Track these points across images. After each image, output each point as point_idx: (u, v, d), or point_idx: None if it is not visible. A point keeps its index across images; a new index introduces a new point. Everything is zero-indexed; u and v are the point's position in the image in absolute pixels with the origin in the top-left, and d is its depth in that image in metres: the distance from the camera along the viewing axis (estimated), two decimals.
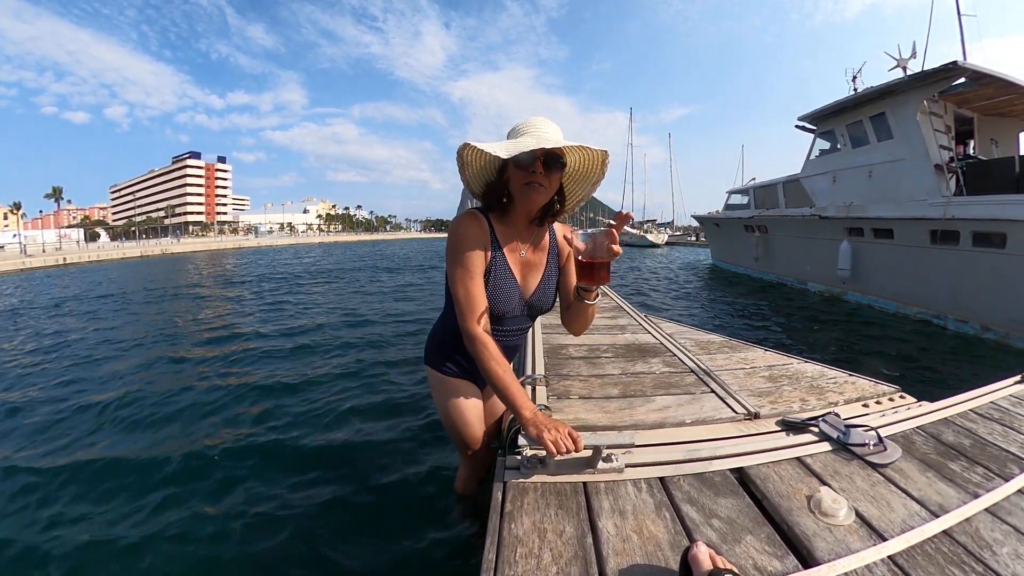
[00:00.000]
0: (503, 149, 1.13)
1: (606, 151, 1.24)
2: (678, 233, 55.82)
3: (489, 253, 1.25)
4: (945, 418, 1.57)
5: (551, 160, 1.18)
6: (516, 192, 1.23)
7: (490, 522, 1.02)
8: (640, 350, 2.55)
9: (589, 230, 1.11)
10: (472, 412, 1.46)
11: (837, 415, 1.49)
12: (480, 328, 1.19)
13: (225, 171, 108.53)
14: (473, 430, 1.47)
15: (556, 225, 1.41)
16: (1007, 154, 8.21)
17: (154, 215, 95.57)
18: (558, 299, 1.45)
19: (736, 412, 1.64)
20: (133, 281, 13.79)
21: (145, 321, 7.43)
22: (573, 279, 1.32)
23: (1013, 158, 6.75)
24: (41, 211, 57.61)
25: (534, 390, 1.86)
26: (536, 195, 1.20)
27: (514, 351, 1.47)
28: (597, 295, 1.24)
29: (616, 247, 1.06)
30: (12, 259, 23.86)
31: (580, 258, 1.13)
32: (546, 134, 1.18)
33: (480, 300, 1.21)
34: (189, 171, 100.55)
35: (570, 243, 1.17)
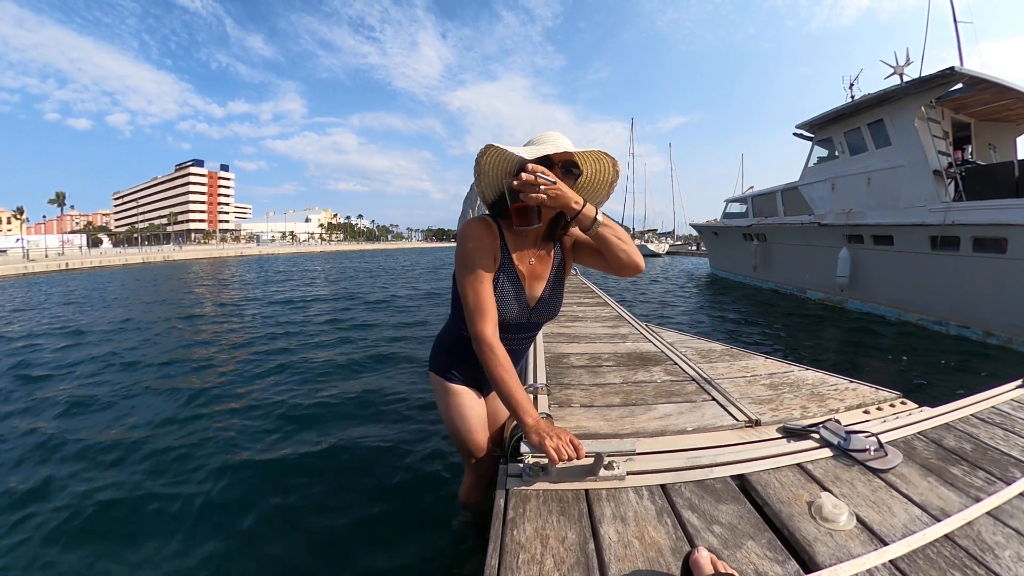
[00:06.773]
0: (527, 152, 1.17)
1: (616, 167, 1.27)
2: (679, 243, 55.75)
3: (498, 259, 1.27)
4: (946, 423, 1.57)
5: (568, 167, 1.21)
6: None
7: (492, 528, 1.02)
8: (641, 359, 2.56)
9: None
10: (476, 419, 1.47)
11: (838, 421, 1.49)
12: (489, 332, 1.19)
13: (227, 179, 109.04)
14: (476, 437, 1.48)
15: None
16: (1005, 159, 8.22)
17: (157, 222, 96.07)
18: (596, 268, 1.43)
19: (737, 419, 1.65)
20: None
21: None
22: (585, 259, 1.40)
23: (1012, 162, 6.75)
24: (44, 216, 57.72)
25: (536, 398, 1.87)
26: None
27: (519, 358, 1.47)
28: (594, 220, 1.20)
29: (536, 194, 1.11)
30: (15, 263, 24.00)
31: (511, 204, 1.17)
32: (565, 144, 1.23)
33: (489, 304, 1.21)
34: (192, 179, 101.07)
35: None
